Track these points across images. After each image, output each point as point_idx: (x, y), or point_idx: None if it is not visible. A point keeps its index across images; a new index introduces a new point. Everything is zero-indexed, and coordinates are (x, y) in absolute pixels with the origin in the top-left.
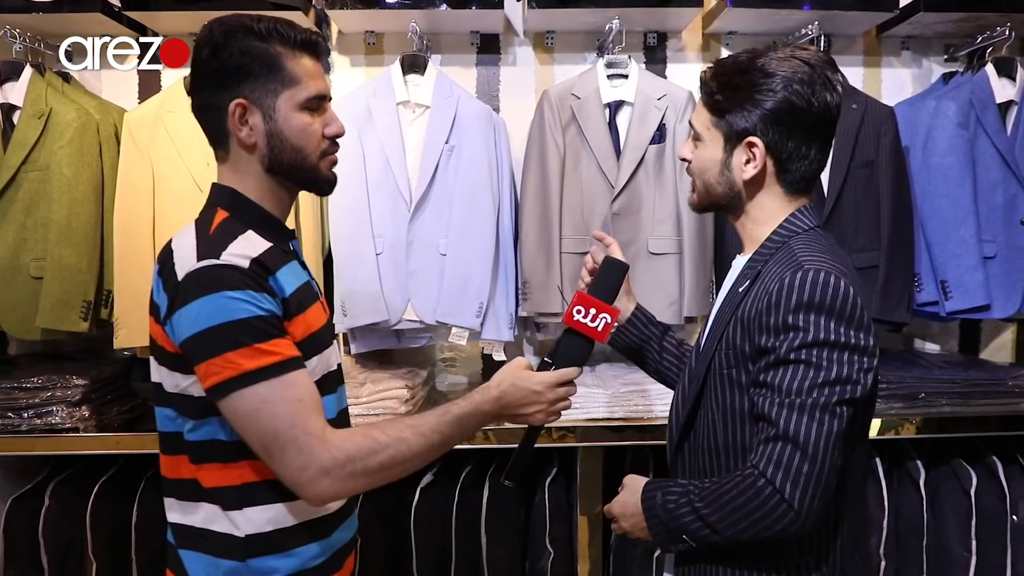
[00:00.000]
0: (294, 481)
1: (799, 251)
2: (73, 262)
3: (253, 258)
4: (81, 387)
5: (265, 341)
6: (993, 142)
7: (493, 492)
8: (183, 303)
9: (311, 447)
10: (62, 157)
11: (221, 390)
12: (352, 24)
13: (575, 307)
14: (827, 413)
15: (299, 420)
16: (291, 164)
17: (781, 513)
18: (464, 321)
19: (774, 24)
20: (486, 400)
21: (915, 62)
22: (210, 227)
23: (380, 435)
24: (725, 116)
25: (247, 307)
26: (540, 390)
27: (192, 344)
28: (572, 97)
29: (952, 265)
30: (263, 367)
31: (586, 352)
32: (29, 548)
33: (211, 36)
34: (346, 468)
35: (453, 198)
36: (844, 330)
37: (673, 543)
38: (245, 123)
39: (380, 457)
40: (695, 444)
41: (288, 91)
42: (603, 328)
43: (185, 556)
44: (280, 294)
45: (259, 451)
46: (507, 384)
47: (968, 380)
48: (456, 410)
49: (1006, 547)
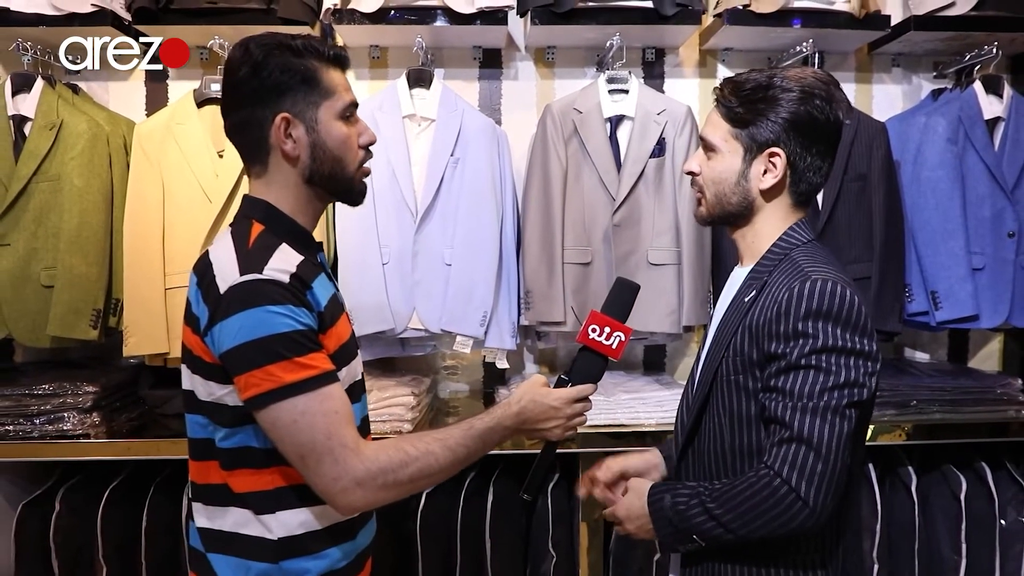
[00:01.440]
0: (327, 491)
1: (803, 262)
2: (83, 271)
3: (293, 272)
4: (92, 394)
5: (304, 355)
6: (981, 157)
7: (497, 497)
8: (225, 316)
9: (346, 458)
10: (73, 168)
11: (261, 401)
12: (357, 39)
13: (590, 326)
14: (837, 415)
15: (335, 432)
16: (331, 174)
17: (797, 511)
18: (468, 330)
19: (769, 41)
20: (507, 415)
21: (905, 79)
22: (248, 240)
23: (410, 448)
24: (747, 127)
25: (288, 321)
26: (558, 406)
27: (233, 356)
28: (574, 111)
29: (942, 276)
30: (302, 380)
31: (601, 369)
32: (40, 553)
33: (248, 55)
34: (378, 480)
35: (458, 209)
36: (851, 336)
37: (681, 544)
38: (289, 136)
39: (410, 470)
40: (701, 449)
41: (327, 102)
42: (618, 346)
43: (215, 560)
44: (317, 307)
45: (294, 461)
46: (527, 400)
47: (958, 388)
48: (480, 425)
49: (995, 551)
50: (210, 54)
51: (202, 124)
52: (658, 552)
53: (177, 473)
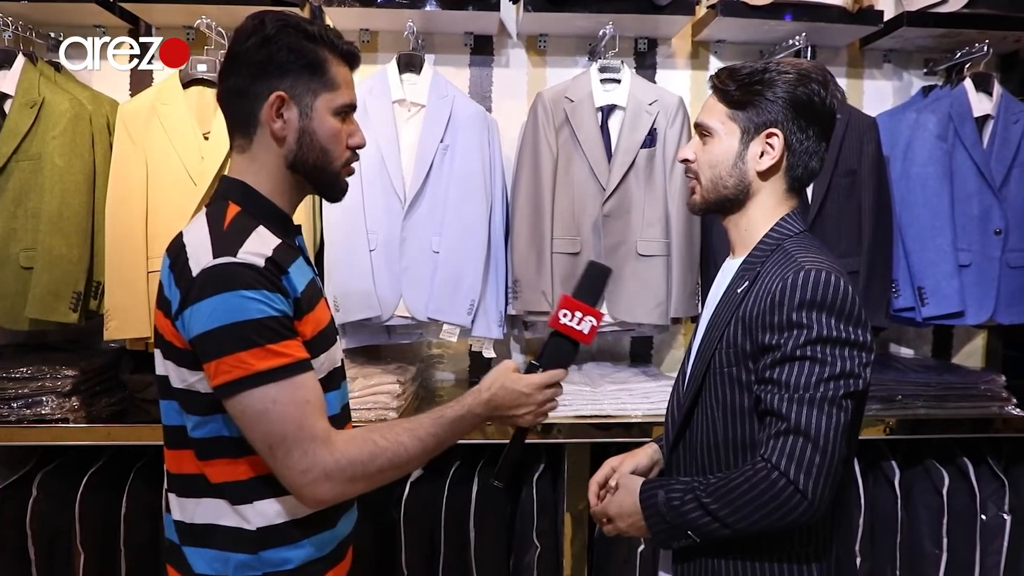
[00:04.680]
0: (295, 483)
1: (796, 253)
2: (64, 253)
3: (268, 256)
4: (71, 378)
5: (277, 342)
6: (970, 155)
7: (482, 487)
8: (197, 299)
9: (315, 450)
10: (54, 147)
11: (231, 389)
12: (347, 22)
13: (561, 311)
14: (834, 406)
15: (306, 423)
16: (315, 165)
17: (795, 503)
18: (455, 318)
19: (762, 34)
20: (478, 403)
21: (896, 75)
22: (223, 222)
23: (380, 439)
24: (745, 108)
25: (261, 307)
26: (529, 392)
27: (204, 341)
28: (566, 100)
29: (929, 272)
30: (274, 368)
31: (572, 354)
32: (16, 538)
33: (262, 26)
34: (347, 472)
35: (447, 197)
36: (845, 327)
37: (676, 540)
38: (280, 116)
39: (380, 461)
40: (693, 441)
41: (327, 94)
42: (589, 331)
43: (190, 553)
44: (293, 293)
45: (263, 451)
46: (497, 387)
47: (942, 383)
48: (450, 413)
49: (975, 545)
50: (197, 34)
51: (188, 105)
52: (642, 544)
53: (157, 459)
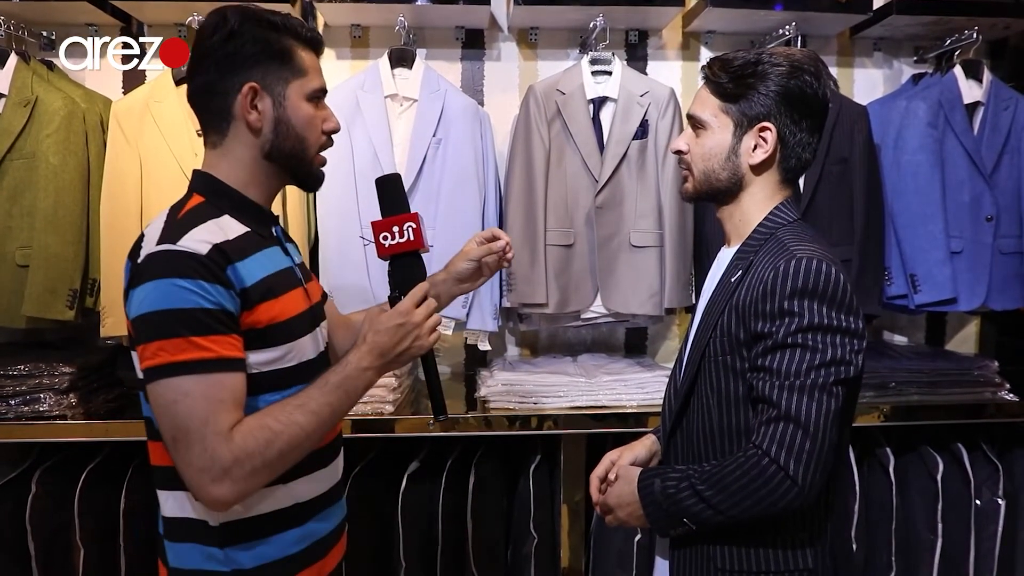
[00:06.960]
0: (192, 481)
1: (788, 241)
2: (59, 251)
3: (216, 244)
4: (69, 375)
5: (204, 335)
6: (961, 142)
7: (479, 479)
8: (135, 285)
9: (215, 447)
10: (49, 145)
11: (149, 375)
12: (339, 17)
13: (380, 235)
14: (825, 393)
15: (212, 419)
16: (291, 153)
17: (786, 489)
18: (450, 311)
19: (752, 24)
20: (360, 356)
21: (886, 63)
22: (180, 212)
23: (273, 422)
24: (738, 102)
25: (194, 298)
26: (402, 320)
27: (136, 325)
28: (557, 92)
29: (921, 259)
30: (193, 360)
31: (419, 266)
32: (15, 535)
33: (225, 21)
34: (246, 466)
35: (440, 190)
36: (836, 314)
37: (672, 527)
38: (255, 107)
39: (278, 445)
40: (689, 429)
41: (298, 81)
42: (415, 235)
43: (168, 547)
44: (238, 284)
45: (168, 442)
46: (371, 334)
47: (936, 370)
48: (335, 378)
49: (970, 530)
50: (188, 31)
51: (181, 102)
52: (639, 534)
53: None
